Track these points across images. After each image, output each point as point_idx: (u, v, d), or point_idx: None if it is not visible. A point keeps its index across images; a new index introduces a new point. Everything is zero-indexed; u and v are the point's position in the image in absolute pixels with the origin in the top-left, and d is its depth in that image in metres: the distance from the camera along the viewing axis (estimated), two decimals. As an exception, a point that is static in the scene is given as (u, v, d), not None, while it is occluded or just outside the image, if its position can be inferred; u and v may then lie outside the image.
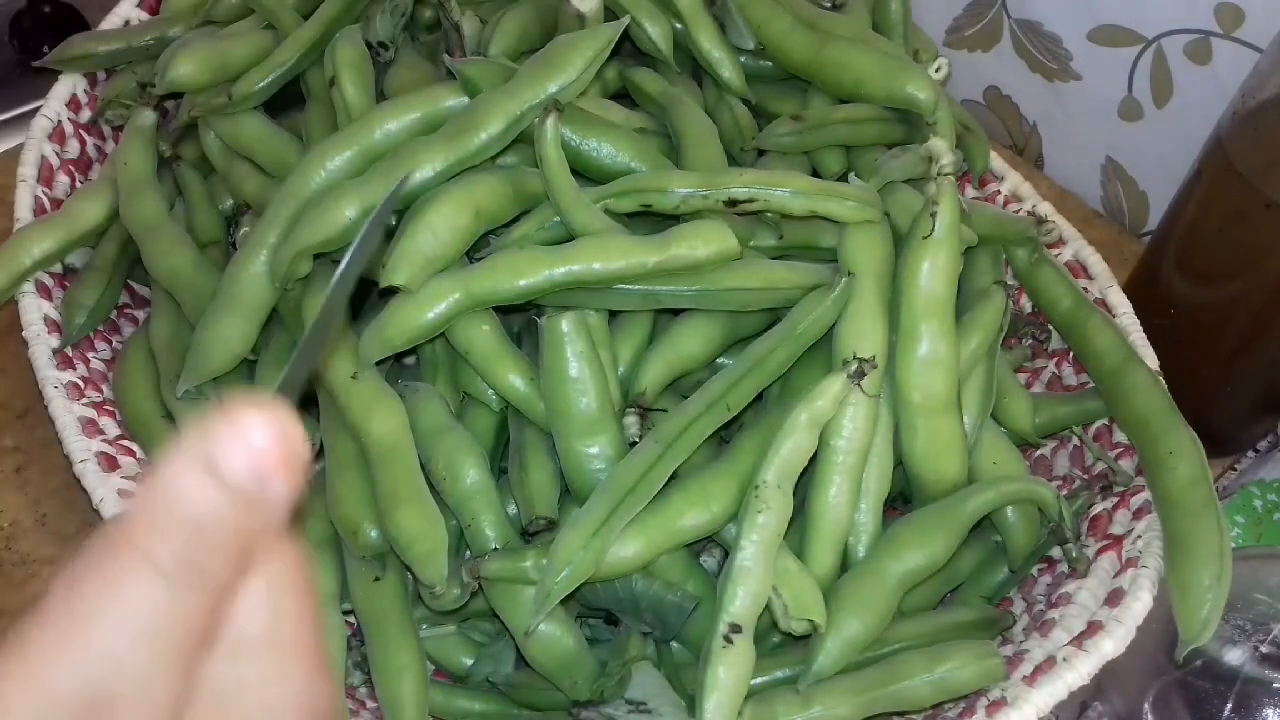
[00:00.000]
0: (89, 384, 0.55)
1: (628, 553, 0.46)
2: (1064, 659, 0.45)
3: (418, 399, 0.50)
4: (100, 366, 0.57)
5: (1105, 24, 0.75)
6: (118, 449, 0.52)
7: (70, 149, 0.63)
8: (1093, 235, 0.64)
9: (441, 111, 0.52)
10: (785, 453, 0.46)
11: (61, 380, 0.53)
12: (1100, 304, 0.58)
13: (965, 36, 0.84)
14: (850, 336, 0.49)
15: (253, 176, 0.58)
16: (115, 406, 0.55)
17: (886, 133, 0.59)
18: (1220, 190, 0.58)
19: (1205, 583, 0.46)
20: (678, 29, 0.59)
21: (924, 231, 0.49)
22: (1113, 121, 0.78)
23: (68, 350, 0.55)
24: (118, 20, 0.66)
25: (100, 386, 0.55)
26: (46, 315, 0.55)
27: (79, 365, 0.55)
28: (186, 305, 0.54)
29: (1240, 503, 0.61)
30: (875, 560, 0.48)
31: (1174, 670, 0.49)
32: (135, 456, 0.52)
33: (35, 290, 0.56)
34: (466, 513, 0.47)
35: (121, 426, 0.54)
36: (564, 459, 0.48)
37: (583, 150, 0.52)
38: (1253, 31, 0.68)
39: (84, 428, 0.51)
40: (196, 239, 0.58)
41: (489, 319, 0.50)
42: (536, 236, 0.51)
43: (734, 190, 0.51)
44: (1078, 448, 0.57)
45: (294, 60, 0.58)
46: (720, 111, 0.60)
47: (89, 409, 0.53)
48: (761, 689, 0.46)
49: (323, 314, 0.26)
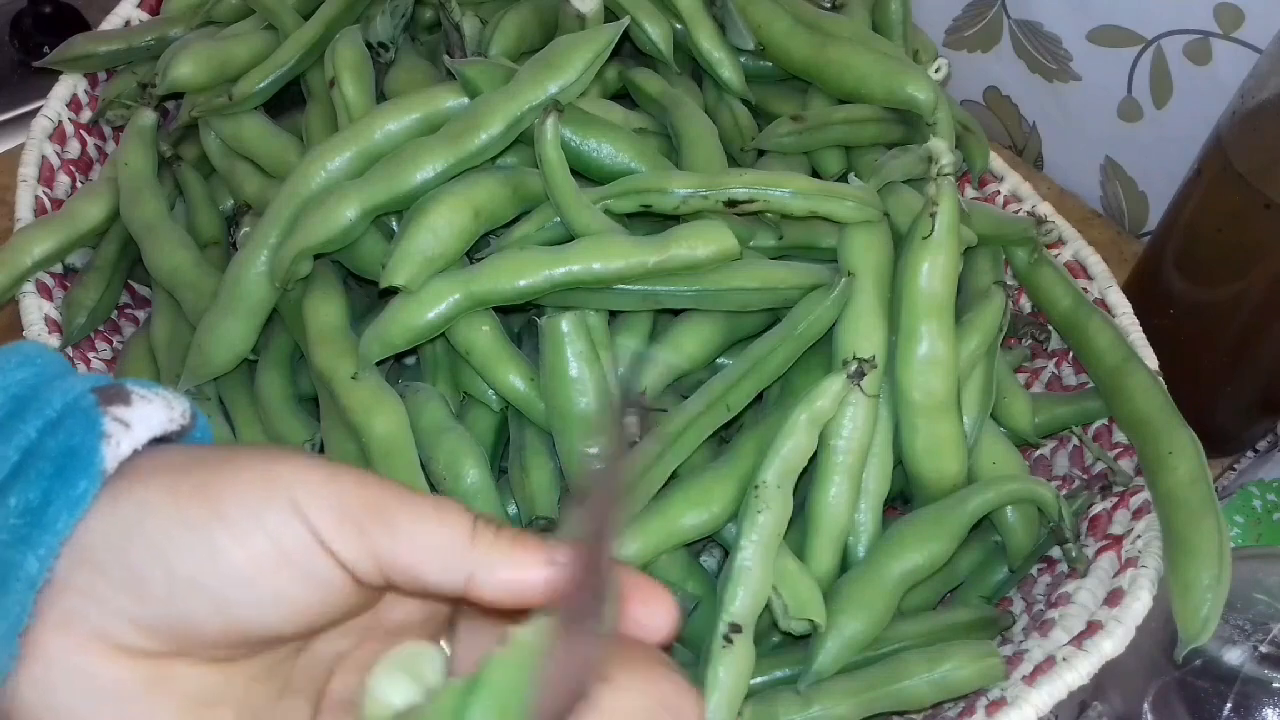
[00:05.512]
0: (89, 384, 0.55)
1: (628, 552, 0.46)
2: (1064, 659, 0.45)
3: (418, 399, 0.50)
4: (101, 366, 0.57)
5: (1105, 24, 0.75)
6: (118, 449, 0.52)
7: (71, 149, 0.63)
8: (1092, 235, 0.64)
9: (442, 112, 0.52)
10: (785, 453, 0.46)
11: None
12: (1100, 304, 0.58)
13: (965, 37, 0.85)
14: (850, 336, 0.49)
15: (253, 177, 0.58)
16: (116, 406, 0.55)
17: (886, 133, 0.59)
18: (1220, 190, 0.58)
19: (1205, 583, 0.46)
20: (678, 29, 0.59)
21: (924, 232, 0.49)
22: (1112, 122, 0.79)
23: (69, 350, 0.55)
24: (118, 20, 0.66)
25: (101, 386, 0.55)
26: (47, 315, 0.55)
27: (80, 365, 0.55)
28: (187, 305, 0.54)
29: (1240, 503, 0.61)
30: (875, 560, 0.48)
31: (1173, 670, 0.49)
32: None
33: (36, 290, 0.56)
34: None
35: (122, 426, 0.54)
36: (564, 459, 0.48)
37: (583, 151, 0.52)
38: (1252, 32, 0.68)
39: (85, 428, 0.51)
40: (197, 239, 0.58)
41: (489, 319, 0.50)
42: (536, 237, 0.51)
43: (734, 191, 0.51)
44: (1077, 448, 0.57)
45: (294, 61, 0.58)
46: (720, 112, 0.60)
47: (89, 409, 0.53)
48: (761, 689, 0.46)
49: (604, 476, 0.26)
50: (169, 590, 0.25)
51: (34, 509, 0.25)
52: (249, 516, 0.25)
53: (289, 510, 0.25)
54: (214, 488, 0.26)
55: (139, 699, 0.26)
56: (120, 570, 0.25)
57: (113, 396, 0.27)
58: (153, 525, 0.25)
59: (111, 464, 0.26)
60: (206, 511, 0.25)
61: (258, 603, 0.26)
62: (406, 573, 0.26)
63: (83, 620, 0.25)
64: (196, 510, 0.25)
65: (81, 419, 0.27)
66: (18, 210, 0.58)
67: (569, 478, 0.48)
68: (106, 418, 0.27)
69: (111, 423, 0.27)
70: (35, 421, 0.26)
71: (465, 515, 0.27)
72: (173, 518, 0.25)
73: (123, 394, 0.28)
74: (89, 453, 0.26)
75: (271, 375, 0.53)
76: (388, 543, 0.26)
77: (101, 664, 0.25)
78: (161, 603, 0.25)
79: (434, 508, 0.27)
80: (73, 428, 0.26)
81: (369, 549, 0.26)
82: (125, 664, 0.26)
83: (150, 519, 0.25)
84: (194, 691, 0.27)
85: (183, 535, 0.25)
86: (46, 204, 0.60)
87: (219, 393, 0.54)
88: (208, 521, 0.25)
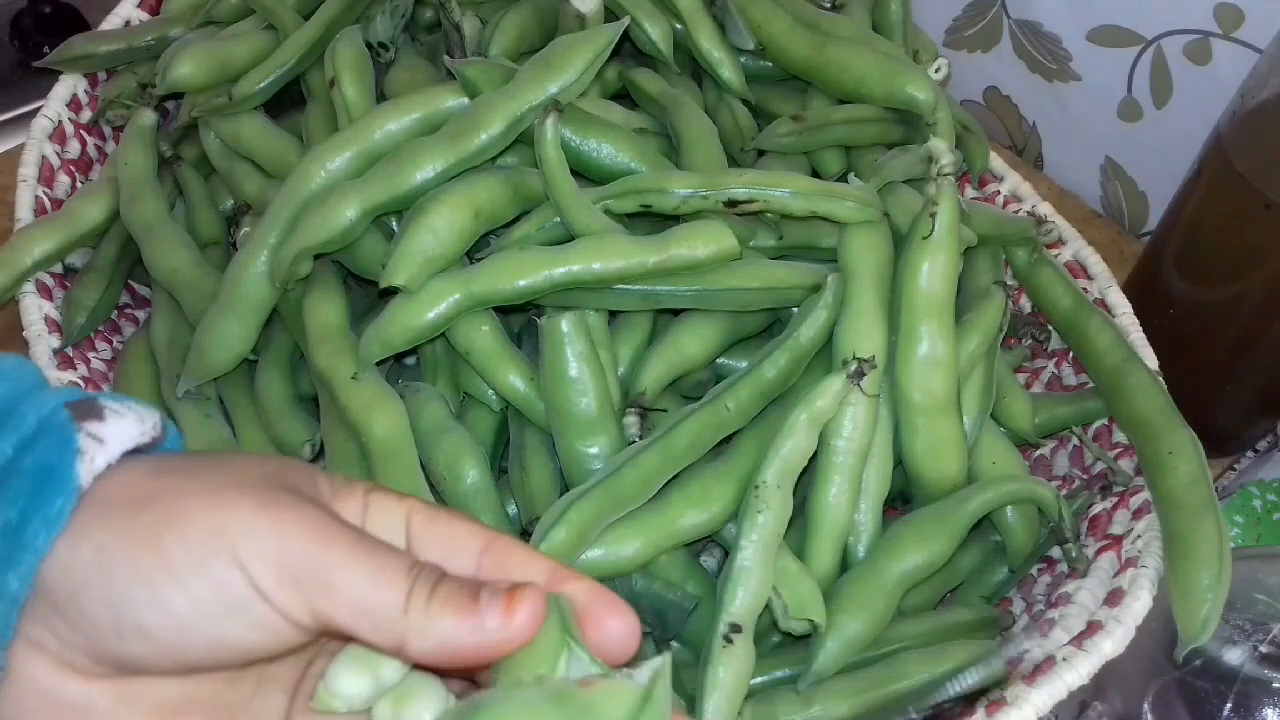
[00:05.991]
0: (90, 384, 0.55)
1: (627, 552, 0.46)
2: (1064, 659, 0.45)
3: (418, 399, 0.50)
4: (101, 366, 0.57)
5: (1105, 24, 0.75)
6: (118, 449, 0.52)
7: (71, 149, 0.63)
8: (1092, 235, 0.64)
9: (442, 112, 0.52)
10: (785, 453, 0.46)
11: (62, 380, 0.53)
12: (1100, 304, 0.58)
13: (965, 37, 0.85)
14: (850, 336, 0.49)
15: (253, 177, 0.58)
16: (116, 406, 0.55)
17: (886, 133, 0.59)
18: (1220, 190, 0.58)
19: (1205, 583, 0.46)
20: (678, 29, 0.59)
21: (924, 232, 0.49)
22: (1112, 122, 0.79)
23: (69, 350, 0.55)
24: (118, 21, 0.66)
25: (101, 386, 0.55)
26: (47, 315, 0.55)
27: (80, 365, 0.55)
28: (187, 305, 0.54)
29: (1240, 503, 0.61)
30: (875, 560, 0.48)
31: (1173, 670, 0.49)
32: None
33: (36, 290, 0.56)
34: (467, 513, 0.47)
35: (122, 426, 0.54)
36: (564, 459, 0.48)
37: (583, 151, 0.52)
38: (1252, 32, 0.68)
39: (84, 428, 0.51)
40: (197, 239, 0.58)
41: (489, 319, 0.50)
42: (536, 237, 0.51)
43: (734, 191, 0.51)
44: (1077, 448, 0.57)
45: (294, 61, 0.58)
46: (720, 112, 0.60)
47: (89, 409, 0.53)
48: (761, 689, 0.46)
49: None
50: (118, 634, 0.26)
51: (13, 528, 0.26)
52: (193, 566, 0.26)
53: (230, 562, 0.26)
54: (164, 535, 0.26)
55: (108, 713, 0.27)
56: (74, 612, 0.26)
57: (86, 412, 0.28)
58: (105, 573, 0.26)
59: (86, 480, 0.27)
60: (154, 560, 0.26)
61: (204, 645, 0.27)
62: (343, 630, 0.27)
63: (44, 649, 0.27)
64: (145, 558, 0.26)
65: (56, 436, 0.27)
66: (18, 210, 0.58)
67: (569, 478, 0.48)
68: (81, 434, 0.27)
69: (86, 439, 0.27)
70: (10, 439, 0.27)
71: (403, 577, 0.27)
72: (123, 566, 0.26)
73: (96, 409, 0.28)
74: (65, 469, 0.27)
75: (271, 375, 0.53)
76: (324, 602, 0.27)
77: (69, 685, 0.27)
78: (113, 644, 0.26)
79: (374, 569, 0.27)
80: (48, 445, 0.27)
81: (306, 605, 0.27)
82: (93, 684, 0.27)
83: (102, 568, 0.26)
84: (163, 700, 0.28)
85: (131, 585, 0.26)
86: (46, 204, 0.60)
87: (219, 393, 0.54)
88: (154, 571, 0.26)
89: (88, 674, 0.27)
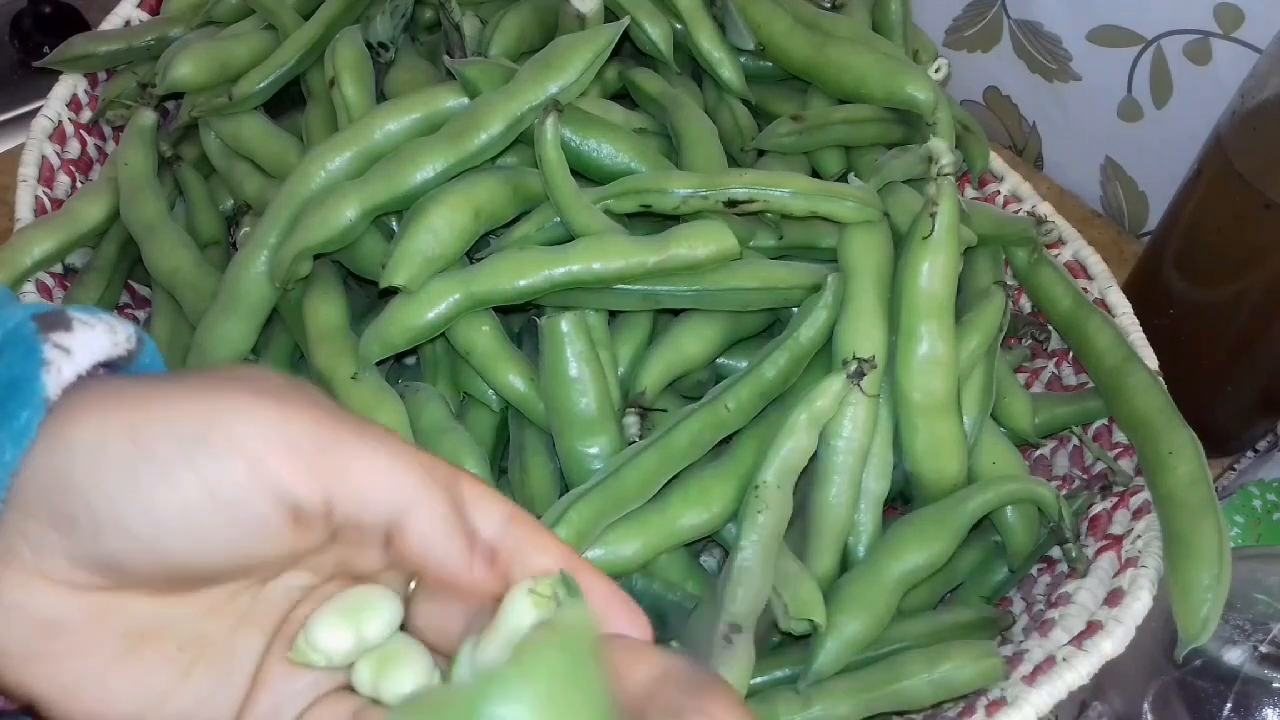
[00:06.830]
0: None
1: (627, 552, 0.46)
2: (1064, 659, 0.45)
3: (418, 399, 0.50)
4: (101, 367, 0.57)
5: (1105, 24, 0.75)
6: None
7: (71, 149, 0.63)
8: (1092, 235, 0.64)
9: (442, 112, 0.52)
10: (785, 453, 0.46)
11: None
12: (1100, 304, 0.58)
13: (965, 37, 0.85)
14: (850, 336, 0.49)
15: (253, 177, 0.58)
16: (116, 406, 0.55)
17: (886, 133, 0.59)
18: (1220, 190, 0.58)
19: (1205, 582, 0.46)
20: (678, 29, 0.59)
21: (924, 232, 0.49)
22: (1112, 122, 0.79)
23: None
24: (118, 20, 0.66)
25: (101, 387, 0.55)
26: (47, 315, 0.55)
27: (79, 365, 0.55)
28: (187, 305, 0.54)
29: (1240, 503, 0.61)
30: (875, 560, 0.48)
31: (1173, 670, 0.49)
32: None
33: (36, 290, 0.56)
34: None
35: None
36: (564, 459, 0.48)
37: (583, 151, 0.52)
38: (1252, 32, 0.68)
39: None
40: (197, 239, 0.58)
41: (489, 319, 0.50)
42: (536, 237, 0.51)
43: (734, 191, 0.51)
44: (1077, 448, 0.57)
45: (294, 61, 0.58)
46: (720, 112, 0.60)
47: (89, 409, 0.53)
48: (761, 689, 0.46)
49: None
50: (95, 530, 0.25)
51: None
52: (178, 457, 0.25)
53: (225, 447, 0.25)
54: (145, 427, 0.25)
55: (78, 631, 0.26)
56: (47, 512, 0.25)
57: (53, 323, 0.27)
58: (79, 468, 0.25)
59: (54, 391, 0.26)
60: (133, 452, 0.25)
61: (185, 543, 0.26)
62: (349, 520, 0.26)
63: (17, 558, 0.26)
64: (122, 451, 0.25)
65: (22, 347, 0.26)
66: (18, 210, 0.58)
67: (569, 478, 0.48)
68: (47, 345, 0.26)
69: (52, 349, 0.26)
70: None
71: (418, 466, 0.27)
72: (101, 460, 0.25)
73: (64, 320, 0.27)
74: (30, 381, 0.26)
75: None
76: (337, 484, 0.26)
77: (40, 598, 0.26)
78: (90, 541, 0.25)
79: (390, 455, 0.27)
80: (13, 357, 0.26)
81: (319, 485, 0.26)
82: (65, 598, 0.26)
83: (76, 462, 0.25)
84: (134, 623, 0.27)
85: (106, 477, 0.25)
86: (46, 204, 0.60)
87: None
88: (133, 463, 0.25)
89: (61, 584, 0.26)
